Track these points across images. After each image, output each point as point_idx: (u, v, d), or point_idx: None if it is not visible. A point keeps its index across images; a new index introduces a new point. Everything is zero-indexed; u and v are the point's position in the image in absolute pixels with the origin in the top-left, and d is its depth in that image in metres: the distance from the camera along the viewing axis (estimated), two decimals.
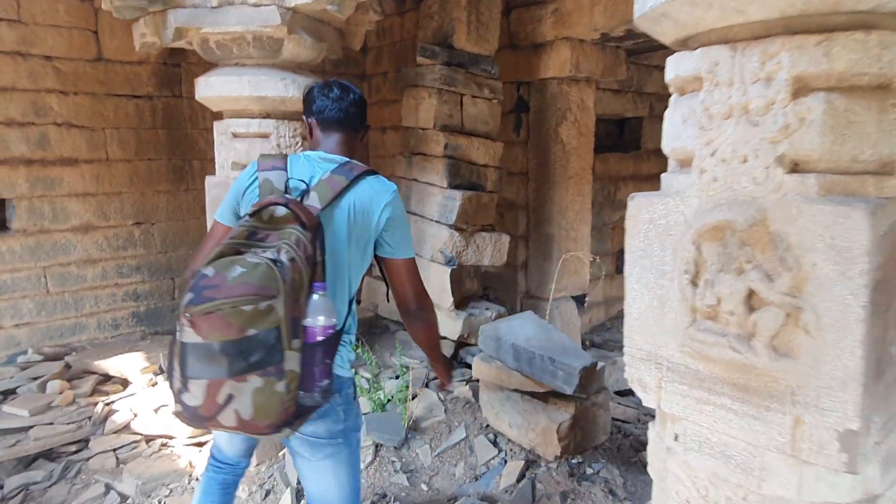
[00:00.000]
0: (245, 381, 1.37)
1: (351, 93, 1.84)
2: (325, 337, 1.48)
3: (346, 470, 1.78)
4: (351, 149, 1.83)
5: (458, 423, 3.30)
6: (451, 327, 4.17)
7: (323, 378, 1.49)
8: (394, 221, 1.75)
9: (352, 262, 1.70)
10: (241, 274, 1.39)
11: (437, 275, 4.14)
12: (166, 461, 3.51)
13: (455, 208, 4.11)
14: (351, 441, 1.79)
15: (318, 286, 1.49)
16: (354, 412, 1.81)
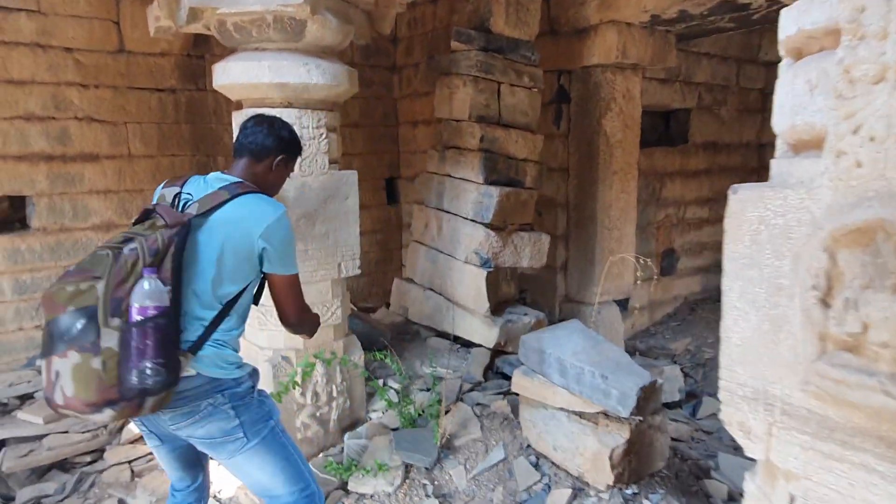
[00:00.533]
0: (66, 357, 1.50)
1: (266, 125, 2.05)
2: (143, 317, 1.56)
3: (268, 458, 1.87)
4: (251, 173, 2.00)
5: (496, 441, 3.02)
6: (486, 334, 3.89)
7: (142, 359, 1.54)
8: (273, 239, 1.84)
9: (225, 265, 1.80)
10: (80, 261, 1.63)
11: (472, 278, 3.86)
12: None
13: (491, 206, 3.83)
14: (258, 432, 1.86)
15: (149, 271, 1.60)
16: (253, 407, 1.87)
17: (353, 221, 3.20)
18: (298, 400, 3.10)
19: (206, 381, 1.78)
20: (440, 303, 4.11)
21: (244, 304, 1.92)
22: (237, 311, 1.89)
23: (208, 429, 1.78)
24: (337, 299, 3.18)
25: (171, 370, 1.63)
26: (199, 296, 1.78)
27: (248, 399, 1.86)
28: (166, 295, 1.62)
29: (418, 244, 4.42)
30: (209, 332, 1.80)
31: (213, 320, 1.82)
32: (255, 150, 2.00)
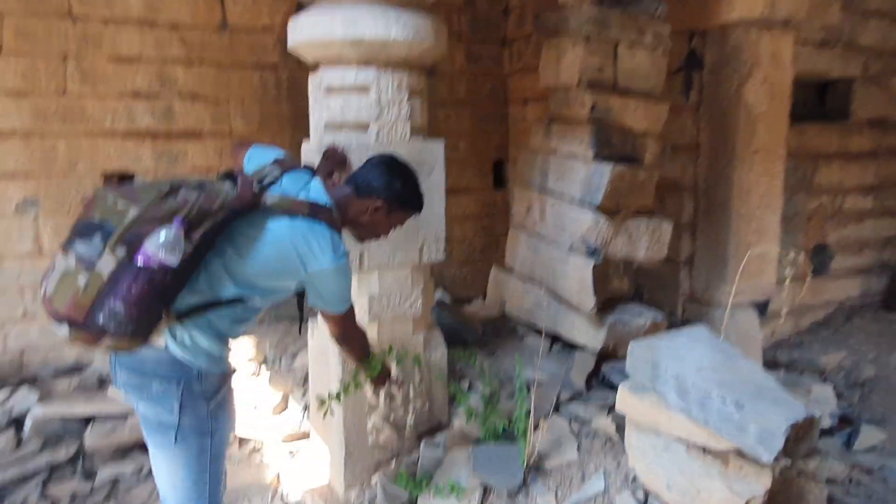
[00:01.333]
0: (67, 257, 1.49)
1: (385, 165, 1.98)
2: (145, 264, 1.49)
3: (180, 470, 1.76)
4: (346, 204, 1.92)
5: (596, 468, 2.47)
6: (591, 335, 3.31)
7: (118, 301, 1.47)
8: (321, 285, 1.79)
9: (261, 266, 1.72)
10: (142, 182, 1.63)
11: (577, 269, 3.30)
12: (253, 470, 3.05)
13: (602, 186, 3.24)
14: (188, 442, 1.74)
15: (179, 223, 1.53)
16: (201, 414, 1.74)
17: (439, 200, 2.76)
18: (370, 400, 2.72)
19: (169, 362, 1.68)
20: (540, 297, 3.58)
21: (261, 307, 1.84)
22: (249, 310, 1.80)
23: (147, 409, 1.72)
24: (417, 288, 2.76)
25: (140, 326, 1.54)
26: (222, 275, 1.70)
27: (199, 403, 1.73)
28: (179, 255, 1.53)
29: (519, 230, 3.91)
30: (204, 307, 1.69)
31: (217, 301, 1.71)
32: (360, 184, 1.94)
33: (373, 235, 2.05)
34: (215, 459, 1.79)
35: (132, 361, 1.68)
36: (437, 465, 2.61)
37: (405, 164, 2.01)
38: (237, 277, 1.71)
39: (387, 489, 2.53)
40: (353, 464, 2.74)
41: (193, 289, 1.67)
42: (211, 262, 1.68)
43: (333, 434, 2.77)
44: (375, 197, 1.91)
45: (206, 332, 1.71)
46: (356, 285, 2.66)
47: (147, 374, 1.68)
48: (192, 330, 1.69)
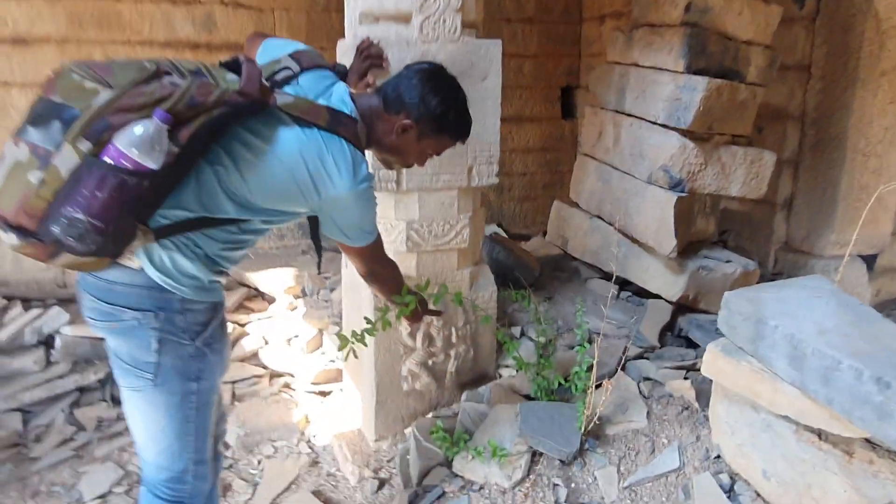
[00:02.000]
0: (17, 147, 1.16)
1: (424, 77, 1.54)
2: (114, 163, 1.15)
3: (159, 418, 1.44)
4: (372, 120, 1.52)
5: (668, 439, 2.03)
6: (668, 282, 2.81)
7: (79, 209, 1.15)
8: (337, 215, 1.45)
9: (266, 183, 1.35)
10: (118, 60, 1.26)
11: (655, 204, 2.77)
12: (281, 409, 2.77)
13: (693, 104, 2.66)
14: (170, 386, 1.42)
15: (161, 116, 1.17)
16: (185, 353, 1.42)
17: (493, 111, 2.28)
18: (406, 341, 2.34)
19: (146, 287, 1.34)
20: (609, 235, 3.08)
21: (263, 231, 1.48)
22: (247, 233, 1.44)
23: (119, 344, 1.40)
24: (465, 215, 2.32)
25: (106, 244, 1.21)
26: (215, 189, 1.33)
27: (184, 339, 1.40)
28: (160, 157, 1.18)
29: (588, 158, 3.37)
30: (190, 226, 1.34)
31: (204, 219, 1.35)
32: (390, 95, 1.53)
33: (401, 162, 1.64)
34: (202, 408, 1.46)
35: (99, 284, 1.34)
36: (478, 420, 2.23)
37: (450, 79, 1.58)
38: (234, 195, 1.33)
39: (420, 445, 2.17)
40: (385, 412, 2.40)
41: (178, 203, 1.29)
42: (202, 171, 1.30)
43: (364, 378, 2.43)
44: (405, 114, 1.52)
45: (191, 256, 1.35)
46: (392, 208, 2.25)
47: (118, 302, 1.34)
48: (174, 252, 1.34)
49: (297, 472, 2.41)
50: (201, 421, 1.46)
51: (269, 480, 2.38)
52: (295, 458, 2.50)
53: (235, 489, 2.36)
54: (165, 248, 1.32)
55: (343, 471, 2.39)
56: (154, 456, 1.47)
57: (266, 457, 2.51)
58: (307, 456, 2.50)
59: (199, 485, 1.52)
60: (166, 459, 1.46)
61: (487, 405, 2.26)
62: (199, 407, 1.44)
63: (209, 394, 1.47)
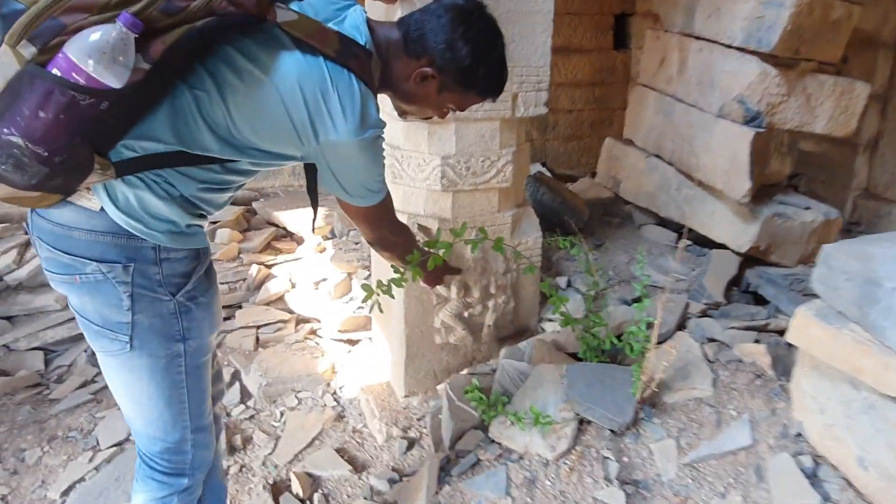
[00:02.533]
0: None
1: (456, 14, 1.20)
2: (63, 75, 0.90)
3: (145, 388, 1.21)
4: (388, 57, 1.22)
5: (738, 411, 1.76)
6: (736, 230, 2.47)
7: (16, 130, 0.90)
8: (337, 164, 1.17)
9: (256, 114, 1.08)
10: None
11: (727, 140, 2.41)
12: (305, 357, 2.58)
13: (779, 22, 2.24)
14: (154, 352, 1.18)
15: (126, 21, 0.91)
16: (165, 312, 1.17)
17: (543, 28, 1.94)
18: (439, 290, 2.09)
19: (110, 233, 1.10)
20: (669, 176, 2.73)
21: (250, 173, 1.22)
22: (231, 174, 1.18)
23: (84, 303, 1.16)
24: (507, 150, 2.02)
25: (54, 175, 0.96)
26: (194, 118, 1.07)
27: (162, 294, 1.16)
28: (123, 73, 0.92)
29: (646, 89, 2.98)
30: (162, 161, 1.08)
31: (180, 154, 1.09)
32: (412, 33, 1.21)
33: (418, 113, 1.33)
34: (194, 371, 1.24)
35: (54, 230, 1.10)
36: (518, 380, 1.99)
37: (487, 22, 1.24)
38: (216, 127, 1.07)
39: (454, 405, 1.95)
40: (415, 367, 2.18)
41: (148, 132, 1.04)
42: (180, 96, 1.04)
43: (393, 329, 2.21)
44: (427, 60, 1.21)
45: (163, 196, 1.11)
46: (425, 141, 1.96)
47: (77, 251, 1.10)
48: (142, 191, 1.09)
49: (320, 426, 2.23)
50: (195, 385, 1.25)
51: (290, 434, 2.21)
52: (319, 411, 2.32)
53: (256, 442, 2.20)
54: (131, 186, 1.07)
55: (370, 427, 2.20)
56: (144, 426, 1.27)
57: (289, 408, 2.34)
58: (332, 409, 2.32)
59: (202, 454, 1.32)
60: (159, 430, 1.25)
61: (529, 364, 2.01)
62: (189, 370, 1.22)
63: (200, 354, 1.24)
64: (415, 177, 2.00)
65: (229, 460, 2.12)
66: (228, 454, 2.13)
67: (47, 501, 2.01)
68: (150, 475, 1.29)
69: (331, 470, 2.01)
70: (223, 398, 1.54)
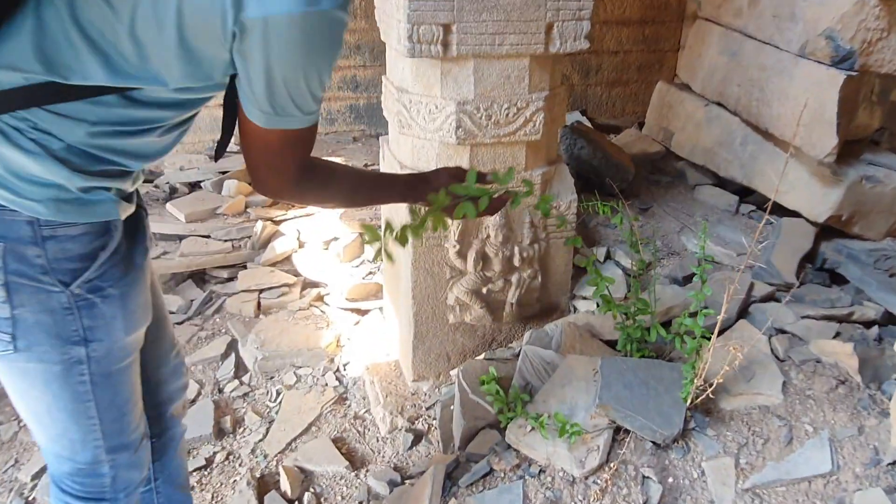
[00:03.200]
0: None
1: None
2: None
3: (40, 397, 0.94)
4: None
5: (815, 426, 1.41)
6: (814, 195, 2.05)
7: None
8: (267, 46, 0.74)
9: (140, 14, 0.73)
10: None
11: (810, 85, 1.97)
12: (308, 328, 2.32)
13: None
14: (46, 356, 0.90)
15: None
16: (62, 302, 0.88)
17: None
18: (453, 261, 1.77)
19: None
20: (733, 128, 2.31)
21: (176, 105, 0.85)
22: (139, 108, 0.82)
23: None
24: (538, 94, 1.64)
25: None
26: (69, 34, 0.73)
27: (49, 284, 0.86)
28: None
29: (709, 24, 2.52)
30: (28, 97, 0.75)
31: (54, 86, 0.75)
32: None
33: None
34: (104, 381, 0.95)
35: None
36: (543, 372, 1.67)
37: None
38: (100, 40, 0.73)
39: (467, 398, 1.66)
40: (425, 348, 1.89)
41: (2, 56, 0.72)
42: (45, 2, 0.71)
43: (401, 305, 1.91)
44: None
45: (32, 149, 0.78)
46: (438, 83, 1.60)
47: None
48: (3, 144, 0.77)
49: (319, 409, 1.98)
50: (107, 396, 0.96)
51: (285, 418, 1.97)
52: (319, 391, 2.06)
53: (248, 424, 1.97)
54: None
55: (373, 414, 1.94)
56: (48, 443, 1.00)
57: (286, 387, 2.09)
58: (333, 390, 2.06)
59: (125, 474, 1.04)
60: (65, 449, 0.99)
61: (556, 352, 1.69)
62: (96, 380, 0.94)
63: (112, 360, 0.95)
64: (425, 126, 1.65)
65: (216, 445, 1.89)
66: (216, 438, 1.91)
67: (17, 483, 1.82)
68: (62, 499, 1.03)
69: (325, 465, 1.76)
70: (183, 396, 1.27)
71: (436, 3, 1.47)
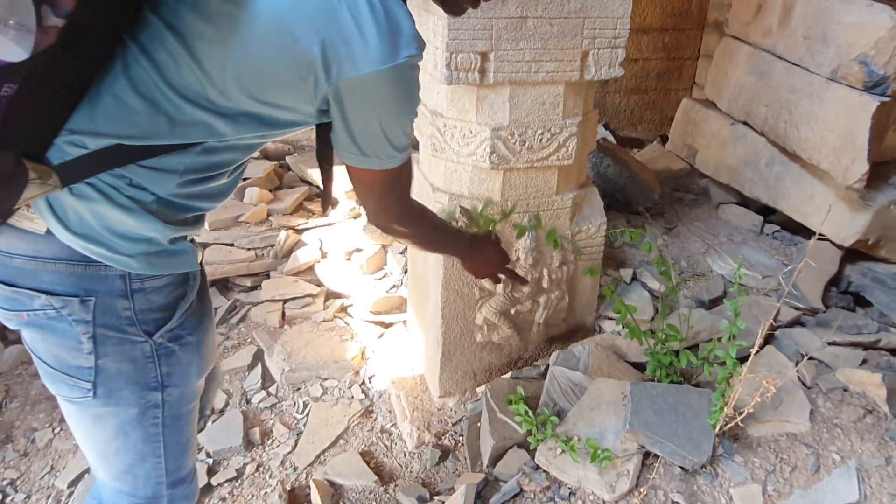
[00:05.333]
0: None
1: None
2: None
3: (111, 440, 0.97)
4: None
5: (842, 455, 1.45)
6: (842, 219, 2.07)
7: None
8: (361, 102, 0.83)
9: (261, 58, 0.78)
10: None
11: (842, 109, 1.99)
12: (333, 340, 2.37)
13: None
14: (124, 402, 0.94)
15: None
16: (143, 354, 0.92)
17: None
18: (482, 282, 1.81)
19: (62, 259, 0.85)
20: (759, 149, 2.34)
21: (246, 149, 0.91)
22: (218, 154, 0.87)
23: (35, 340, 0.92)
24: (572, 120, 1.68)
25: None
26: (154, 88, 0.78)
27: (135, 335, 0.90)
28: (25, 37, 0.63)
29: (737, 42, 2.54)
30: (121, 156, 0.79)
31: (144, 143, 0.80)
32: None
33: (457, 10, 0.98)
34: (174, 423, 1.00)
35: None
36: (571, 392, 1.71)
37: None
38: (188, 93, 0.79)
39: (495, 417, 1.70)
40: (452, 366, 1.93)
41: (93, 120, 0.77)
42: (131, 61, 0.77)
43: (429, 323, 1.95)
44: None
45: (129, 206, 0.84)
46: (474, 108, 1.64)
47: (21, 282, 0.86)
48: (99, 203, 0.82)
49: (346, 422, 2.03)
50: (174, 437, 1.01)
51: (313, 430, 2.01)
52: (345, 404, 2.11)
53: (276, 436, 2.02)
54: (82, 198, 0.81)
55: (400, 429, 1.98)
56: (110, 479, 1.05)
57: (313, 399, 2.14)
58: (360, 403, 2.11)
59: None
60: (127, 485, 1.03)
61: (584, 374, 1.73)
62: (168, 422, 0.99)
63: (183, 403, 1.00)
64: (459, 150, 1.69)
65: (246, 457, 1.94)
66: (245, 450, 1.96)
67: (55, 491, 1.88)
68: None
69: (355, 479, 1.81)
70: (211, 406, 1.32)
71: (474, 31, 1.51)
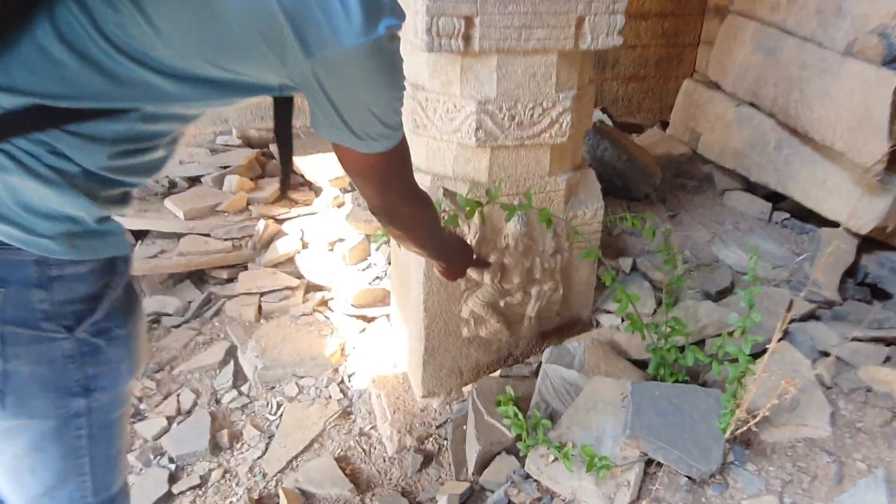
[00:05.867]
0: None
1: None
2: None
3: (26, 457, 0.82)
4: None
5: (868, 462, 1.30)
6: (858, 204, 1.93)
7: None
8: (343, 84, 0.73)
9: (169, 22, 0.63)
10: None
11: (858, 85, 1.85)
12: (312, 335, 2.21)
13: None
14: (38, 409, 0.79)
15: None
16: (62, 353, 0.78)
17: None
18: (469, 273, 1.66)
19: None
20: (766, 131, 2.18)
21: (185, 118, 0.77)
22: (157, 122, 0.73)
23: None
24: (566, 94, 1.52)
25: None
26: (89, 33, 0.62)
27: (52, 330, 0.76)
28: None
29: (742, 18, 2.39)
30: (42, 119, 0.65)
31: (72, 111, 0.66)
32: None
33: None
34: (102, 433, 0.84)
35: None
36: (565, 392, 1.56)
37: None
38: (131, 51, 0.64)
39: (481, 420, 1.55)
40: (436, 363, 1.77)
41: (9, 75, 0.62)
42: (60, 9, 0.62)
43: (411, 316, 1.79)
44: None
45: (50, 177, 0.68)
46: (457, 80, 1.48)
47: None
48: (10, 174, 0.67)
49: (322, 425, 1.88)
50: (102, 450, 0.85)
51: (286, 432, 1.86)
52: (322, 404, 1.96)
53: (246, 439, 1.86)
54: None
55: (380, 431, 1.83)
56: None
57: (287, 399, 1.99)
58: (337, 403, 1.96)
59: None
60: None
61: (580, 372, 1.58)
62: (94, 432, 0.83)
63: (111, 409, 0.84)
64: (442, 127, 1.53)
65: (212, 462, 1.79)
66: (211, 454, 1.80)
67: None
68: None
69: (328, 488, 1.65)
70: None
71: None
